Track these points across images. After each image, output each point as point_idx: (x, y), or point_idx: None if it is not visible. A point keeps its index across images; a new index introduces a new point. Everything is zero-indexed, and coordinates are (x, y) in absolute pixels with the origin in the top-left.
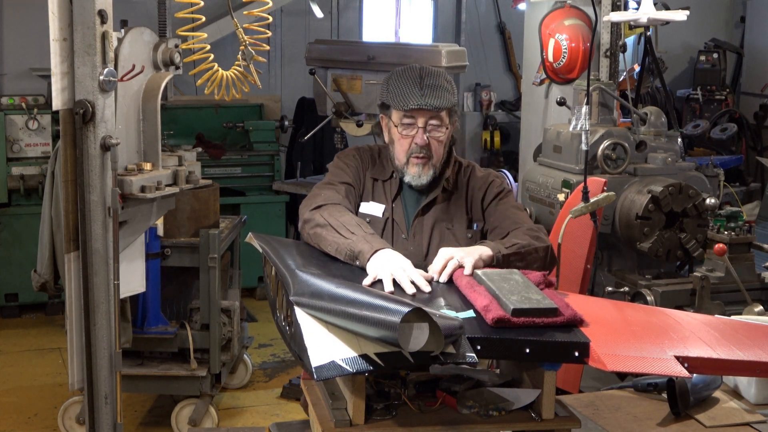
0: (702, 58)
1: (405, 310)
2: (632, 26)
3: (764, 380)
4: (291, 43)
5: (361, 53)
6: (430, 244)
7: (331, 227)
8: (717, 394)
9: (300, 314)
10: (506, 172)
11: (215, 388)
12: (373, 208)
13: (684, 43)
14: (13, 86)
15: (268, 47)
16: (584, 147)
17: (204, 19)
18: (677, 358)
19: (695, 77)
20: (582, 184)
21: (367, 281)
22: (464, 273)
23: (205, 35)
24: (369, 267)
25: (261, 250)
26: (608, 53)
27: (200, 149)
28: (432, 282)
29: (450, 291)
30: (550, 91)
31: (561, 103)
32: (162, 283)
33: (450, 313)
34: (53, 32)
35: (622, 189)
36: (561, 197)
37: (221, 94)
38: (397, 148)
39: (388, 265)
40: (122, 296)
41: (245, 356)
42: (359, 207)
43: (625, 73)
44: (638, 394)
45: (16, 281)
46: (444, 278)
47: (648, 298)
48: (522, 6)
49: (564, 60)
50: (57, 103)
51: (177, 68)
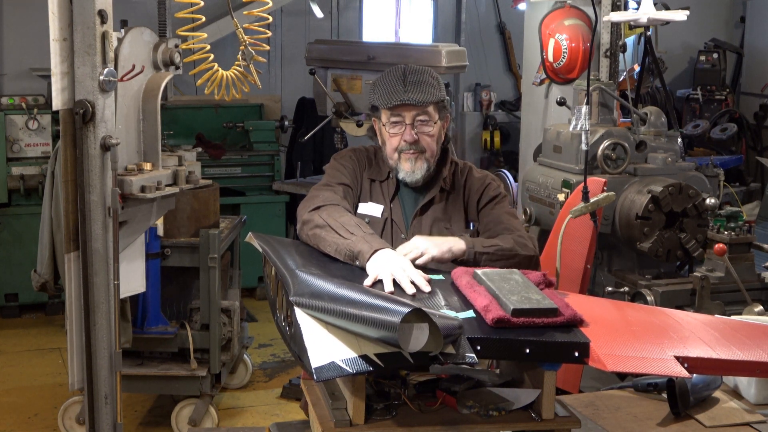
0: (702, 58)
1: (405, 311)
2: (632, 26)
3: (764, 380)
4: (291, 43)
5: (361, 53)
6: None
7: (330, 228)
8: (717, 394)
9: (300, 314)
10: (506, 172)
11: (215, 388)
12: (372, 209)
13: (684, 43)
14: (13, 86)
15: (268, 47)
16: (584, 147)
17: (204, 19)
18: (677, 358)
19: (695, 77)
20: (582, 184)
21: (368, 282)
22: (418, 263)
23: (205, 35)
24: (369, 267)
25: (261, 250)
26: (608, 53)
27: (200, 149)
28: (432, 282)
29: (450, 291)
30: (550, 91)
31: (561, 103)
32: (162, 283)
33: (450, 313)
34: (53, 32)
35: (622, 189)
36: (561, 197)
37: (221, 94)
38: (389, 147)
39: (388, 265)
40: (122, 296)
41: (245, 356)
42: (357, 208)
43: (625, 73)
44: (638, 394)
45: (16, 281)
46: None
47: (648, 298)
48: (522, 6)
49: (564, 60)
50: (57, 103)
51: (177, 68)
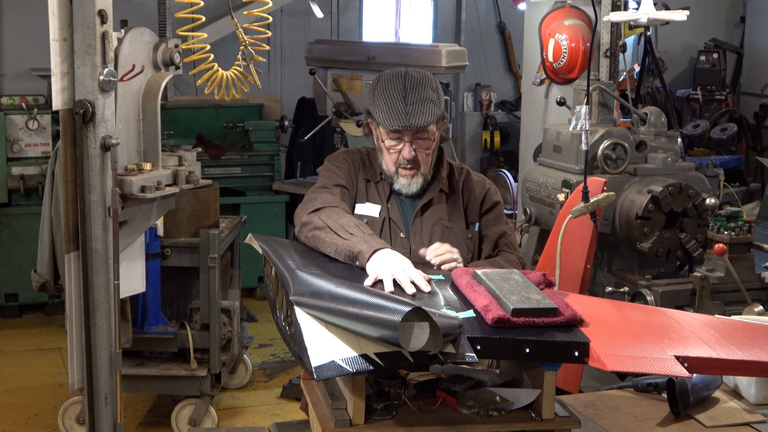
0: (702, 58)
1: (405, 309)
2: (632, 26)
3: (764, 380)
4: (291, 43)
5: (361, 53)
6: (431, 243)
7: (330, 229)
8: (717, 394)
9: (300, 314)
10: (506, 172)
11: (215, 388)
12: (370, 209)
13: (684, 43)
14: (13, 86)
15: (268, 47)
16: (584, 147)
17: (204, 19)
18: (677, 358)
19: (695, 77)
20: (582, 184)
21: (368, 282)
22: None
23: (205, 35)
24: (369, 267)
25: (261, 251)
26: (608, 53)
27: (200, 149)
28: (431, 282)
29: (450, 291)
30: (550, 91)
31: (561, 103)
32: (162, 283)
33: (450, 313)
34: (53, 32)
35: (622, 189)
36: (561, 197)
37: (221, 94)
38: (386, 159)
39: (388, 265)
40: (122, 296)
41: (245, 356)
42: (354, 209)
43: (625, 73)
44: (638, 394)
45: (16, 281)
46: (436, 259)
47: (648, 298)
48: (522, 6)
49: (564, 60)
50: (57, 103)
51: (177, 68)
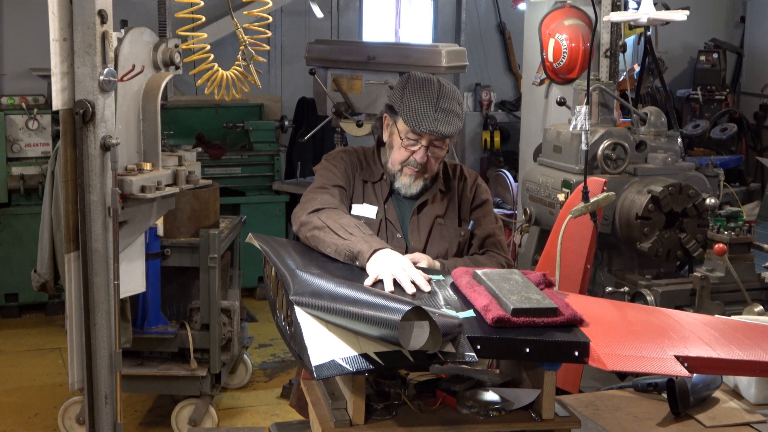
0: (702, 58)
1: (405, 309)
2: (632, 26)
3: (764, 380)
4: (291, 43)
5: (361, 53)
6: (429, 241)
7: (329, 229)
8: (717, 394)
9: (300, 314)
10: (506, 172)
11: (215, 388)
12: (366, 210)
13: (684, 43)
14: (13, 86)
15: (268, 47)
16: (584, 147)
17: (204, 19)
18: (677, 358)
19: (695, 77)
20: (582, 184)
21: (369, 281)
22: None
23: (205, 35)
24: (369, 267)
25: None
26: (608, 53)
27: (200, 149)
28: (431, 282)
29: (450, 291)
30: (550, 91)
31: (561, 103)
32: (162, 283)
33: (450, 313)
34: (53, 32)
35: (622, 189)
36: (561, 197)
37: (221, 94)
38: (395, 154)
39: (389, 265)
40: (122, 296)
41: (245, 356)
42: (351, 209)
43: (625, 73)
44: (638, 394)
45: (16, 281)
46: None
47: (648, 298)
48: (522, 6)
49: (564, 60)
50: (57, 103)
51: (177, 68)
